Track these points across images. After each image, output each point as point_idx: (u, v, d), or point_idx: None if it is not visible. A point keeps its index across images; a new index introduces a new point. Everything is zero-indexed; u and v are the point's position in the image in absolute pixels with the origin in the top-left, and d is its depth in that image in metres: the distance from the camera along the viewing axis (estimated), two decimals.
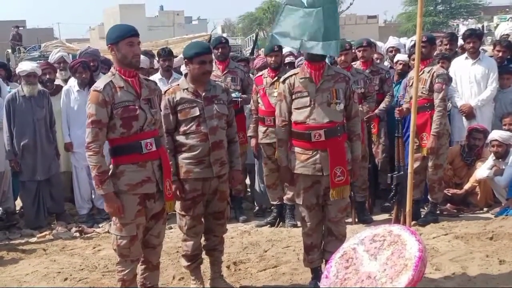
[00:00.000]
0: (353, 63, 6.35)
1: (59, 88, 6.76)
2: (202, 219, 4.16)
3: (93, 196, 6.56)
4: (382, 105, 6.15)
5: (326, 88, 4.03)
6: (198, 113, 3.97)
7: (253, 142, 5.91)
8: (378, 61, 6.89)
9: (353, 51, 6.27)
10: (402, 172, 5.30)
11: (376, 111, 6.11)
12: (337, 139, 4.02)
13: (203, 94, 4.03)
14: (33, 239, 5.88)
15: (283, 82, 4.14)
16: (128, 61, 3.53)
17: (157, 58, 7.12)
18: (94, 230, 6.10)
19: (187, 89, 4.02)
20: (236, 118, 4.38)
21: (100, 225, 6.23)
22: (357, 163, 4.19)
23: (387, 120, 6.36)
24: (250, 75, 6.59)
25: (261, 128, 5.79)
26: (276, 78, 5.64)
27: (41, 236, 5.93)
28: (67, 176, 6.73)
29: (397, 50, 7.18)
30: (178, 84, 4.10)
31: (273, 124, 5.61)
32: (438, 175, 5.72)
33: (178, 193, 3.99)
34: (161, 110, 3.89)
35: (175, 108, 3.99)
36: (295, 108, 4.07)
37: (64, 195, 6.62)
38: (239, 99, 5.87)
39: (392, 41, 7.46)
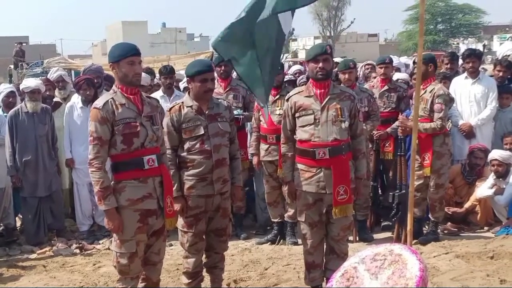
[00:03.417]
0: (371, 81, 6.41)
1: (58, 104, 6.79)
2: (204, 236, 4.17)
3: (93, 213, 6.56)
4: (397, 123, 6.13)
5: (331, 106, 4.05)
6: (202, 132, 4.02)
7: (255, 160, 5.92)
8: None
9: (358, 69, 6.31)
10: (404, 191, 5.30)
11: (389, 129, 6.10)
12: (342, 157, 4.04)
13: (207, 112, 4.08)
14: (33, 256, 5.86)
15: (287, 100, 4.19)
16: (129, 80, 3.59)
17: (157, 75, 7.15)
18: (94, 247, 6.08)
19: (191, 106, 4.06)
20: (237, 135, 4.42)
21: (101, 242, 6.22)
22: (361, 181, 4.20)
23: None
24: None
25: (263, 146, 5.81)
26: (278, 96, 5.68)
27: (41, 252, 5.91)
28: (66, 192, 6.75)
29: (397, 70, 7.22)
30: (182, 102, 4.14)
31: (275, 142, 5.65)
32: (439, 194, 5.72)
33: (182, 210, 4.01)
34: (163, 128, 3.93)
35: (180, 126, 4.02)
36: (300, 126, 4.09)
37: (64, 211, 6.63)
38: (241, 116, 5.90)
39: (393, 60, 7.51)
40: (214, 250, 4.22)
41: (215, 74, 6.17)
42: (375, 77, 6.72)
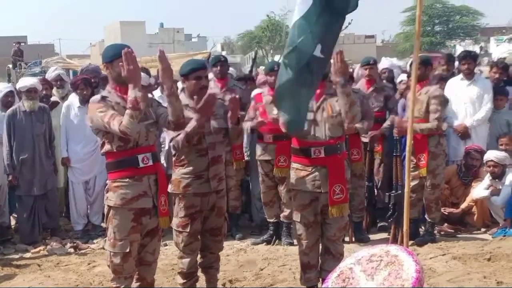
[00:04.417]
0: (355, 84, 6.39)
1: (55, 104, 6.79)
2: (199, 236, 4.15)
3: (88, 212, 6.54)
4: (387, 123, 6.09)
5: (326, 105, 4.07)
6: None
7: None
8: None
9: (356, 69, 6.30)
10: (399, 191, 5.29)
11: (382, 128, 6.10)
12: (337, 156, 4.04)
13: None
14: (28, 255, 5.85)
15: None
16: (123, 80, 3.50)
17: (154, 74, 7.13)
18: (88, 246, 6.07)
19: (187, 105, 4.04)
20: None
21: (95, 241, 6.21)
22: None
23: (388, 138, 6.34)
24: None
25: (260, 145, 5.78)
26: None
27: (35, 251, 5.90)
28: (61, 191, 6.74)
29: (390, 72, 7.21)
30: None
31: (272, 141, 5.64)
32: (435, 194, 5.72)
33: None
34: (156, 121, 3.84)
35: None
36: None
37: (59, 210, 6.62)
38: (238, 116, 5.86)
39: (385, 62, 7.45)
40: (209, 250, 4.20)
41: (212, 75, 6.18)
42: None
